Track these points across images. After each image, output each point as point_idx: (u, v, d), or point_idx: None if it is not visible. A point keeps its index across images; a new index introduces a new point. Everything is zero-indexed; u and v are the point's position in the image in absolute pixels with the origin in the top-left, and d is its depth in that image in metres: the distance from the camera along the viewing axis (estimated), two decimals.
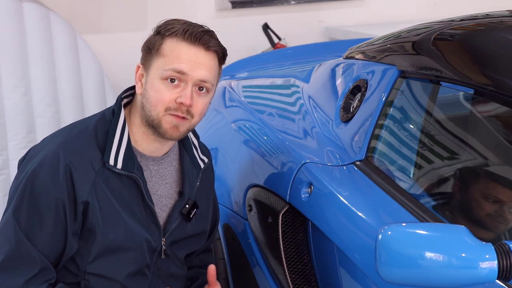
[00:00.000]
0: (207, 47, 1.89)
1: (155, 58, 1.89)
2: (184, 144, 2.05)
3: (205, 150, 2.14)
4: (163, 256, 2.00)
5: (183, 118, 1.88)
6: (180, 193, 2.03)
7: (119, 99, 1.96)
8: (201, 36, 1.88)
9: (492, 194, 1.80)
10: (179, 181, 2.03)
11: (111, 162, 1.88)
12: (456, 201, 1.89)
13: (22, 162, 1.93)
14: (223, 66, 2.00)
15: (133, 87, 1.99)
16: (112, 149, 1.89)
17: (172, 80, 1.86)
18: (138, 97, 1.93)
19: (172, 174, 2.02)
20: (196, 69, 1.87)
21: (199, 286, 2.15)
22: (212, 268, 2.07)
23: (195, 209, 2.03)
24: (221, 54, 1.94)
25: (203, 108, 1.92)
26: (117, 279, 1.93)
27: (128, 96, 1.99)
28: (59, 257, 1.88)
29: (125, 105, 1.98)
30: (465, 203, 1.87)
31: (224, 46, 1.95)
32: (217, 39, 1.93)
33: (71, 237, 1.87)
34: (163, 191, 2.00)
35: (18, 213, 1.85)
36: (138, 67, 1.94)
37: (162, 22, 1.94)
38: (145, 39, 1.95)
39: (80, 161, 1.86)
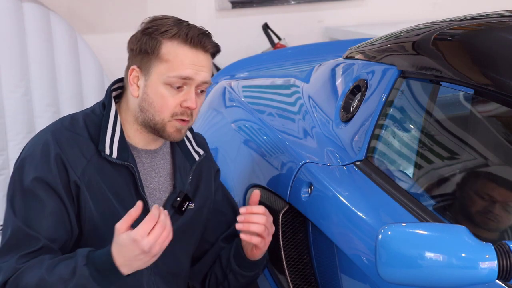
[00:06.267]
0: (206, 49, 1.91)
1: (155, 63, 1.88)
2: None
3: (201, 142, 2.12)
4: None
5: (187, 121, 1.90)
6: (174, 186, 2.03)
7: (109, 91, 1.96)
8: (201, 39, 1.89)
9: (492, 195, 1.80)
10: (174, 174, 2.04)
11: (107, 151, 1.89)
12: (456, 201, 1.89)
13: (19, 157, 1.95)
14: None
15: (121, 80, 1.99)
16: (106, 139, 1.90)
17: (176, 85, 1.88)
18: (133, 99, 1.93)
19: (166, 168, 2.02)
20: (199, 71, 1.89)
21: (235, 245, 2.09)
22: (256, 193, 1.98)
23: (188, 202, 2.03)
24: (215, 52, 1.95)
25: (200, 108, 1.95)
26: None
27: (117, 89, 1.99)
28: (66, 240, 1.87)
29: (115, 98, 1.98)
30: (465, 203, 1.87)
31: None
32: (211, 37, 1.94)
33: (73, 218, 1.87)
34: (156, 184, 2.00)
35: (12, 201, 1.86)
36: (132, 69, 1.91)
37: (149, 20, 1.93)
38: (129, 39, 1.93)
39: (70, 149, 1.88)
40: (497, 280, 1.40)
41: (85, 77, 3.95)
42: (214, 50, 1.93)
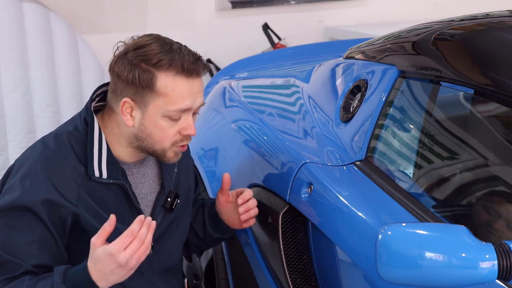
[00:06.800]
0: (198, 74, 1.88)
1: (152, 96, 1.84)
2: None
3: None
4: (151, 252, 2.00)
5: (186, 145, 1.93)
6: (162, 185, 2.04)
7: (90, 107, 1.92)
8: (196, 67, 1.86)
9: (492, 195, 1.80)
10: (160, 174, 2.04)
11: (97, 174, 1.88)
12: (456, 201, 1.89)
13: (2, 186, 1.91)
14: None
15: (100, 87, 1.97)
16: (94, 161, 1.88)
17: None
18: (126, 127, 1.89)
19: (153, 169, 2.03)
20: (197, 99, 1.88)
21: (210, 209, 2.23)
22: (226, 176, 2.12)
23: (177, 199, 2.05)
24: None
25: None
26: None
27: (95, 98, 1.96)
28: (54, 266, 1.84)
29: (96, 111, 1.95)
30: (465, 203, 1.87)
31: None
32: (202, 59, 1.91)
33: (61, 246, 1.85)
34: (147, 188, 2.01)
35: None
36: (125, 102, 1.85)
37: (132, 47, 1.86)
38: (114, 62, 1.88)
39: (62, 178, 1.84)
40: (497, 280, 1.40)
41: (85, 77, 3.95)
42: (205, 71, 1.92)
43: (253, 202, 2.13)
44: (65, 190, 1.84)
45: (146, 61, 1.84)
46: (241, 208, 2.12)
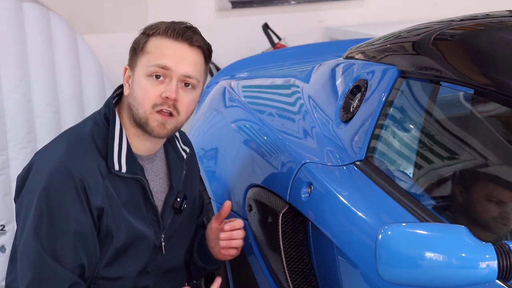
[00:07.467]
0: (190, 43, 1.90)
1: (140, 57, 1.91)
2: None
3: (186, 140, 2.16)
4: (163, 252, 2.02)
5: (170, 114, 1.89)
6: (171, 186, 2.04)
7: (112, 103, 1.95)
8: (184, 32, 1.90)
9: (492, 195, 1.80)
10: (169, 174, 2.05)
11: (116, 167, 1.89)
12: (456, 201, 1.89)
13: (25, 179, 1.90)
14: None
15: (120, 87, 2.00)
16: (114, 154, 1.89)
17: (157, 77, 1.88)
18: (126, 98, 1.94)
19: (163, 169, 2.04)
20: (181, 64, 1.88)
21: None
22: (227, 204, 2.12)
23: (185, 201, 2.06)
24: (206, 50, 1.95)
25: (190, 105, 1.92)
26: (127, 279, 1.94)
27: (115, 98, 1.99)
28: (88, 269, 1.86)
29: (115, 103, 1.99)
30: (465, 203, 1.87)
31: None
32: (201, 35, 1.94)
33: (96, 246, 1.86)
34: (158, 187, 2.02)
35: (38, 234, 1.81)
36: (126, 69, 1.95)
37: (149, 24, 1.96)
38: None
39: (89, 171, 1.86)
40: (497, 280, 1.40)
41: (85, 77, 3.94)
42: (203, 45, 1.93)
43: (239, 233, 2.12)
44: (93, 186, 1.85)
45: (147, 31, 1.93)
46: (223, 234, 2.11)
